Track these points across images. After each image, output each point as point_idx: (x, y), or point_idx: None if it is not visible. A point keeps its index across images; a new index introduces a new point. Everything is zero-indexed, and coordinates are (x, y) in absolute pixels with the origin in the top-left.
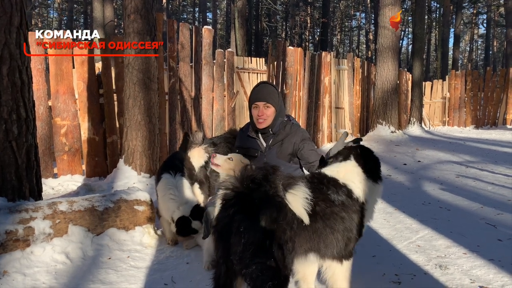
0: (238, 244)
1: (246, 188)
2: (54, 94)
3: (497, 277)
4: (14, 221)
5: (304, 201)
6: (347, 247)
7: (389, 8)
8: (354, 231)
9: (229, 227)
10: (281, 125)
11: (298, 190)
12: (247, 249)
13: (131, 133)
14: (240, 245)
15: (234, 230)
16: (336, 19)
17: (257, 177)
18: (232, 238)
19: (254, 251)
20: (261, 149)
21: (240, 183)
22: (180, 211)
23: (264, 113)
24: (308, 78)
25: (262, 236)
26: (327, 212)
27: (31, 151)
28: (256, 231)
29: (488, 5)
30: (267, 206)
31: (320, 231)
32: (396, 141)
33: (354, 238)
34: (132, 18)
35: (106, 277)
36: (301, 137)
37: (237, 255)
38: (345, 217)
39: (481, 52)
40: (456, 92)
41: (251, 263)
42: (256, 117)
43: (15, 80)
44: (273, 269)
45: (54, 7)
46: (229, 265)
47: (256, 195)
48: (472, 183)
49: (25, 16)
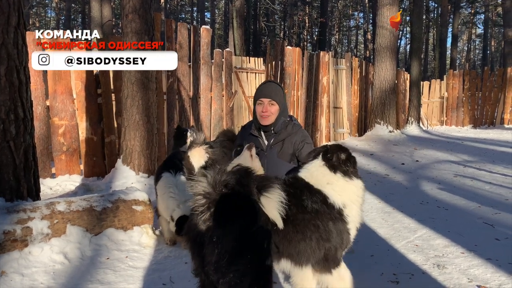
0: (212, 254)
1: (218, 194)
2: (52, 94)
3: (495, 276)
4: (12, 221)
5: (278, 204)
6: (328, 256)
7: (387, 8)
8: (333, 241)
9: (201, 237)
10: (283, 124)
11: (273, 193)
12: (221, 258)
13: (129, 133)
14: (214, 255)
15: (206, 240)
16: (334, 19)
17: (230, 181)
18: (205, 248)
19: (229, 259)
20: (263, 147)
21: (212, 188)
22: (180, 209)
23: (268, 110)
24: (306, 77)
25: (237, 244)
26: (299, 218)
27: (29, 151)
28: (230, 239)
29: (486, 5)
30: (240, 212)
31: (290, 237)
32: (394, 141)
33: (337, 247)
34: (130, 18)
35: (105, 277)
36: (301, 138)
37: (212, 265)
38: (319, 225)
39: (479, 51)
40: (454, 92)
41: (227, 272)
42: (260, 113)
43: (13, 80)
44: (252, 275)
45: (51, 6)
46: (207, 275)
47: (229, 201)
48: (470, 182)
49: (22, 16)
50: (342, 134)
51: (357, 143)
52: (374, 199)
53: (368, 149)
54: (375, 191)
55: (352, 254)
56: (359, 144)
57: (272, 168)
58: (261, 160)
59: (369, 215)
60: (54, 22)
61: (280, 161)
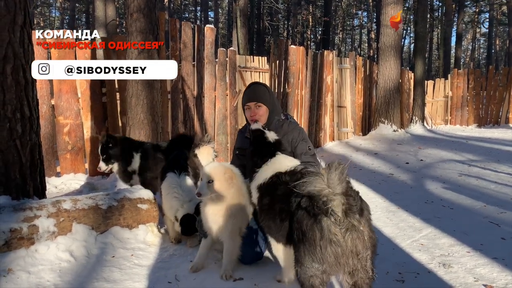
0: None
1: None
2: (57, 93)
3: (501, 276)
4: (19, 219)
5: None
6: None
7: (391, 6)
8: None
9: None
10: (278, 123)
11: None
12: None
13: (134, 131)
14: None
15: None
16: (338, 18)
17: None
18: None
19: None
20: None
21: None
22: (184, 209)
23: (256, 113)
24: (310, 76)
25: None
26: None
27: (35, 150)
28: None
29: (491, 4)
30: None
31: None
32: (399, 140)
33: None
34: (135, 17)
35: (110, 275)
36: (298, 135)
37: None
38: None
39: (484, 50)
40: (459, 91)
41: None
42: (249, 118)
43: (19, 79)
44: None
45: (56, 6)
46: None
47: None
48: (475, 181)
49: (28, 15)
50: (346, 133)
51: (361, 142)
52: (379, 198)
53: (372, 148)
54: (379, 190)
55: None
56: (363, 143)
57: None
58: None
59: (374, 214)
60: (58, 21)
61: None
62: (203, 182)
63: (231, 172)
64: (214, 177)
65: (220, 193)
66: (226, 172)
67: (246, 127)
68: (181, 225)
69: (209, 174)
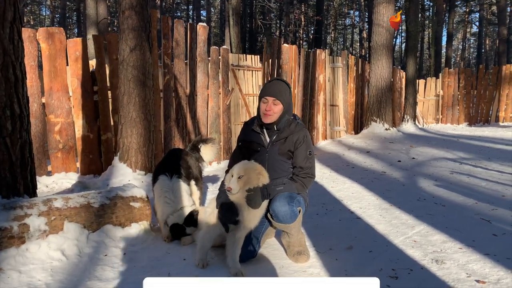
0: None
1: None
2: (48, 91)
3: (493, 271)
4: (9, 218)
5: None
6: None
7: (383, 6)
8: None
9: None
10: (287, 122)
11: None
12: None
13: (126, 130)
14: None
15: None
16: (330, 17)
17: None
18: None
19: None
20: (264, 144)
21: None
22: (174, 217)
23: (271, 109)
24: (303, 75)
25: None
26: None
27: (25, 148)
28: None
29: (481, 4)
30: None
31: None
32: (390, 138)
33: None
34: (127, 14)
35: (103, 274)
36: (302, 138)
37: None
38: None
39: (474, 50)
40: (449, 90)
41: None
42: (263, 111)
43: (8, 76)
44: None
45: (46, 4)
46: None
47: None
48: (466, 179)
49: (18, 11)
50: (339, 132)
51: (354, 140)
52: (372, 196)
53: (364, 147)
54: (372, 188)
55: (351, 250)
56: (356, 141)
57: (272, 165)
58: (262, 156)
59: (367, 211)
60: (49, 20)
61: (280, 158)
62: (233, 178)
63: (261, 168)
64: (245, 173)
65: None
66: (256, 168)
67: (254, 120)
68: (170, 231)
69: (240, 170)
